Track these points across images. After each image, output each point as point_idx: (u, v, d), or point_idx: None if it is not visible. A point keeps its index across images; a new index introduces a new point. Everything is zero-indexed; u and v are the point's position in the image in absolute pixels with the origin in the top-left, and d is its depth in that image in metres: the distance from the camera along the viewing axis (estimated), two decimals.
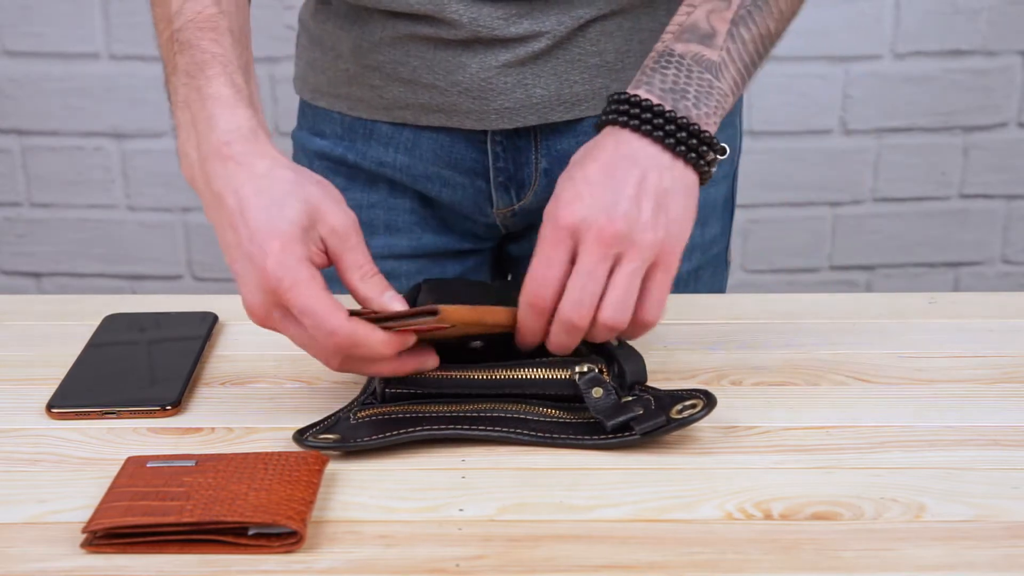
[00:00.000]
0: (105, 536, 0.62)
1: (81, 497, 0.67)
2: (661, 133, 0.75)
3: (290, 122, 1.15)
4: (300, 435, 0.73)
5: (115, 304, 0.92)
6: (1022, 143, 1.95)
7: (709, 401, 0.72)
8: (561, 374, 0.75)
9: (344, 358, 0.72)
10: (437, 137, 0.98)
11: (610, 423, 0.72)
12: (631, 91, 0.77)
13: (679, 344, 0.86)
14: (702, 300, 0.96)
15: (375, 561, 0.62)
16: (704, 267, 1.05)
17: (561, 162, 0.98)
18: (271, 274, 0.69)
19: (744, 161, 1.15)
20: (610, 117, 0.77)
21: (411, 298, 0.83)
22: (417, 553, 0.62)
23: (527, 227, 1.04)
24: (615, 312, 0.73)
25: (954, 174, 1.97)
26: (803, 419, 0.76)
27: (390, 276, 1.02)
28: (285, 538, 0.62)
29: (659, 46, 0.80)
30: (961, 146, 1.95)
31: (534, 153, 0.98)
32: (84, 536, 0.63)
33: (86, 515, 0.64)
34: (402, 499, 0.67)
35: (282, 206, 0.71)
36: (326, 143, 1.02)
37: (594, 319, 0.74)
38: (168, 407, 0.76)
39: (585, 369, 0.75)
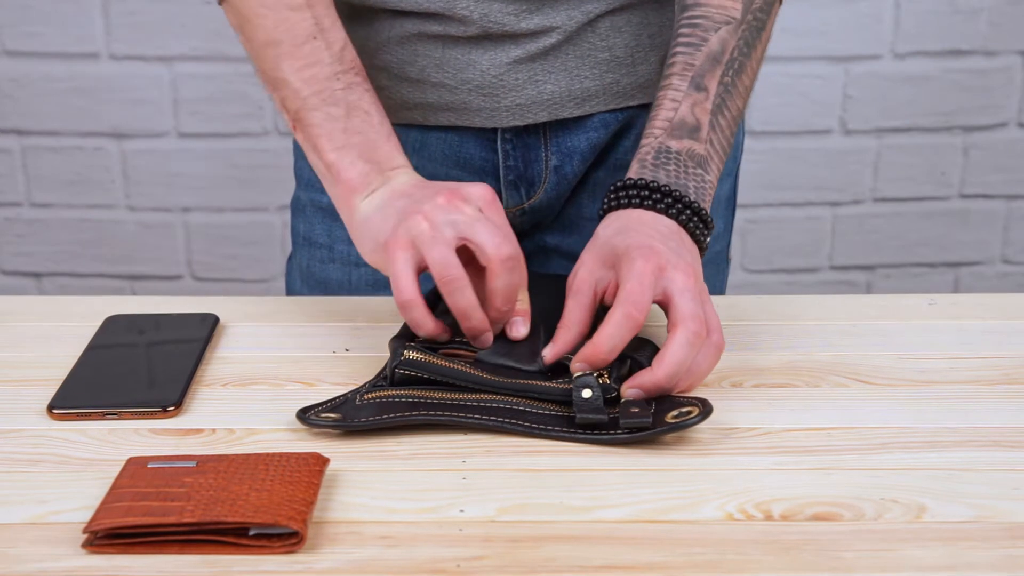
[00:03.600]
0: (106, 536, 0.62)
1: (82, 497, 0.67)
2: (685, 218, 0.82)
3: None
4: (303, 413, 0.74)
5: (115, 304, 0.92)
6: (1022, 143, 1.95)
7: (705, 409, 0.73)
8: (564, 385, 0.76)
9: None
10: (446, 137, 0.98)
11: (579, 416, 0.73)
12: (645, 177, 0.83)
13: None
14: None
15: (376, 562, 0.62)
16: (706, 264, 1.05)
17: (571, 158, 0.99)
18: (488, 190, 0.81)
19: (744, 161, 1.15)
20: (634, 201, 0.83)
21: (433, 298, 0.83)
22: (418, 554, 0.62)
23: (534, 226, 1.04)
24: (701, 326, 0.76)
25: (954, 174, 1.97)
26: (803, 420, 0.76)
27: None
28: (286, 539, 0.62)
29: (653, 142, 0.85)
30: (961, 146, 1.95)
31: (544, 150, 0.98)
32: (85, 536, 0.63)
33: (87, 515, 0.64)
34: (403, 500, 0.67)
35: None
36: None
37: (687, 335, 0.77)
38: (169, 408, 0.77)
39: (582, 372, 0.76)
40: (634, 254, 0.78)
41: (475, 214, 0.79)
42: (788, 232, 1.99)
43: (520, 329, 0.80)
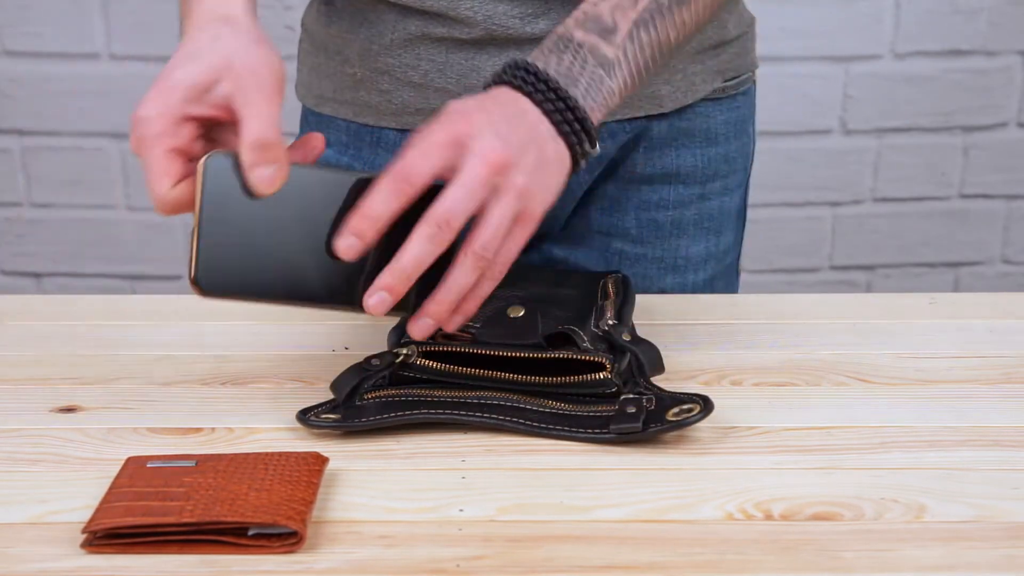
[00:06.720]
0: (105, 536, 0.62)
1: (82, 497, 0.67)
2: (552, 107, 0.74)
3: (291, 122, 1.15)
4: (303, 414, 0.74)
5: (115, 304, 0.92)
6: (1022, 143, 1.95)
7: (706, 406, 0.72)
8: (565, 355, 0.76)
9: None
10: None
11: (614, 426, 0.73)
12: (529, 60, 0.76)
13: (680, 344, 0.86)
14: (703, 300, 0.96)
15: (375, 561, 0.62)
16: (718, 277, 1.05)
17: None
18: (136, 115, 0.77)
19: None
20: (506, 79, 0.75)
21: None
22: (417, 553, 0.62)
23: (539, 237, 1.03)
24: (488, 244, 0.70)
25: (954, 174, 1.97)
26: (803, 419, 0.76)
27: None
28: (285, 538, 0.62)
29: (560, 29, 0.79)
30: (961, 146, 1.95)
31: None
32: (84, 536, 0.63)
33: (86, 515, 0.64)
34: (402, 499, 0.67)
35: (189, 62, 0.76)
36: (330, 152, 1.01)
37: (462, 246, 0.70)
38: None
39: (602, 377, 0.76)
40: (439, 118, 0.71)
41: None
42: (788, 232, 1.99)
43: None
